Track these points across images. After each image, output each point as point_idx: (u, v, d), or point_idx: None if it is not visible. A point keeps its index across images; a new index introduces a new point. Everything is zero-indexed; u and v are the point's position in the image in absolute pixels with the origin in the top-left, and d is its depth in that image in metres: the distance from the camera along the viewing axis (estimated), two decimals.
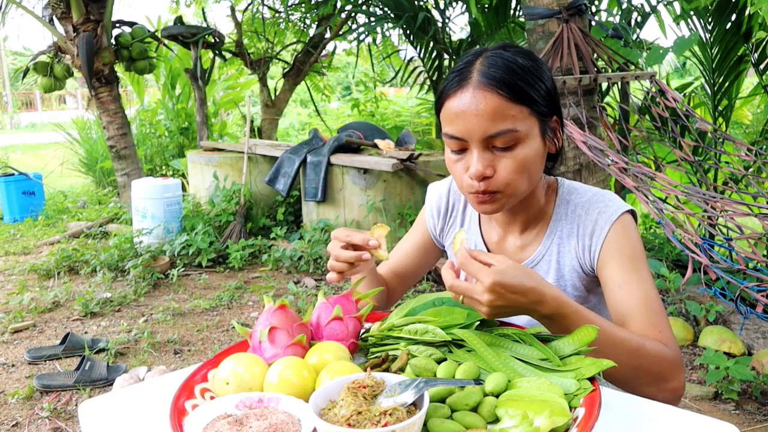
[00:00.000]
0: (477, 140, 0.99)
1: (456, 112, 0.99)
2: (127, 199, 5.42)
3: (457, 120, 0.99)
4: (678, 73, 10.15)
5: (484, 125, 0.97)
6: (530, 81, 0.99)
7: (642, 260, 1.06)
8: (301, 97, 12.26)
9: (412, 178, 4.36)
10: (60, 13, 5.30)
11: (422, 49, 5.26)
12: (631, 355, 0.95)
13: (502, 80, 0.97)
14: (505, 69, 0.98)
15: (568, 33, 2.94)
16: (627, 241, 1.06)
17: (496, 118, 0.97)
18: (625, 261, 1.05)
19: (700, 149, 3.62)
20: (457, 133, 1.00)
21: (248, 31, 6.90)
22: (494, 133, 0.98)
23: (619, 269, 1.05)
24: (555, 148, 1.08)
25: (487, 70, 0.98)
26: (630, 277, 1.04)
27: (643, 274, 1.04)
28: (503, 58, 1.00)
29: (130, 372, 2.72)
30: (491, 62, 0.99)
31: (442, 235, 1.31)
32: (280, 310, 0.97)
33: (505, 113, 0.97)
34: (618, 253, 1.06)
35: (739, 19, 3.77)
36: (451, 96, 1.01)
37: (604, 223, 1.07)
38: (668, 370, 0.97)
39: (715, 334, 2.82)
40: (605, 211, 1.08)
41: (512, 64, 0.99)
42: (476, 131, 0.98)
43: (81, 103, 20.42)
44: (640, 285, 1.03)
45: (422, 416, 0.72)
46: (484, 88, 0.97)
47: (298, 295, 3.68)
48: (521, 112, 0.98)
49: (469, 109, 0.98)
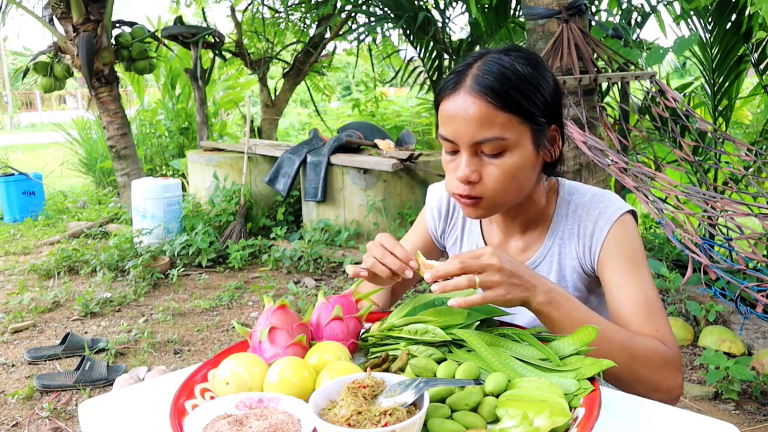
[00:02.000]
0: (465, 145, 1.00)
1: (448, 115, 1.01)
2: (127, 199, 5.42)
3: (449, 123, 1.01)
4: (678, 73, 10.15)
5: (472, 131, 0.98)
6: (525, 90, 0.99)
7: (642, 260, 1.06)
8: (301, 97, 12.25)
9: (412, 178, 4.36)
10: (60, 13, 5.29)
11: (422, 49, 5.26)
12: (623, 350, 0.95)
13: (492, 88, 0.97)
14: (498, 76, 0.98)
15: (568, 33, 2.94)
16: (627, 241, 1.06)
17: (483, 125, 0.98)
18: (624, 261, 1.05)
19: (700, 149, 3.62)
20: (448, 135, 1.02)
21: (248, 31, 6.90)
22: (481, 140, 0.99)
23: (619, 269, 1.05)
24: (552, 156, 1.07)
25: (481, 76, 0.98)
26: (629, 278, 1.04)
27: (642, 274, 1.04)
28: (500, 64, 0.99)
29: (130, 372, 2.72)
30: (486, 68, 0.99)
31: (443, 236, 1.31)
32: (280, 310, 0.97)
33: (492, 121, 0.98)
34: (618, 253, 1.06)
35: (739, 19, 3.77)
36: (446, 98, 1.02)
37: (604, 224, 1.07)
38: (664, 368, 0.97)
39: (715, 334, 2.82)
40: (605, 211, 1.08)
41: (508, 71, 0.98)
42: (464, 136, 0.99)
43: (81, 103, 20.42)
44: (640, 285, 1.03)
45: (422, 416, 0.72)
46: (474, 94, 0.98)
47: (298, 295, 3.68)
48: (510, 120, 0.98)
49: (458, 114, 0.99)
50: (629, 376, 0.96)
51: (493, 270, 0.90)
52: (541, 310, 0.94)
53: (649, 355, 0.96)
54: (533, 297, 0.93)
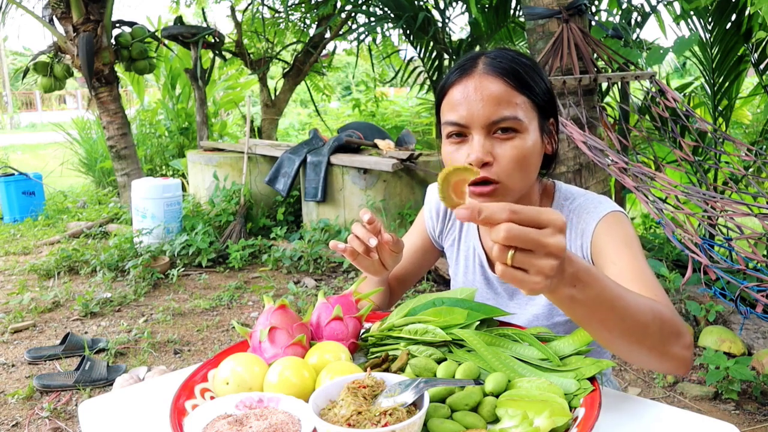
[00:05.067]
0: (480, 126, 1.00)
1: (459, 100, 1.01)
2: (127, 199, 5.42)
3: (460, 107, 1.01)
4: (678, 73, 10.14)
5: (489, 110, 0.99)
6: (532, 75, 1.03)
7: (635, 243, 1.04)
8: (301, 97, 12.25)
9: (412, 178, 4.36)
10: (60, 13, 5.30)
11: (422, 49, 5.26)
12: (652, 312, 0.83)
13: (509, 69, 1.01)
14: (511, 60, 1.03)
15: (568, 33, 2.94)
16: (618, 228, 1.05)
17: (501, 103, 0.99)
18: (618, 243, 1.04)
19: (700, 149, 3.62)
20: (459, 119, 1.01)
21: (248, 31, 6.90)
22: (498, 119, 0.99)
23: (613, 249, 1.03)
24: (551, 149, 1.10)
25: (493, 60, 1.03)
26: (622, 255, 1.02)
27: (636, 254, 1.02)
28: (507, 53, 1.05)
29: (130, 372, 2.72)
30: (496, 55, 1.04)
31: (441, 237, 1.31)
32: (280, 310, 0.97)
33: (510, 100, 1.00)
34: (609, 237, 1.05)
35: (739, 19, 3.77)
36: (455, 84, 1.03)
37: (592, 220, 1.07)
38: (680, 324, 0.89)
39: (715, 334, 2.82)
40: (594, 211, 1.08)
41: (516, 58, 1.04)
42: (480, 116, 1.00)
43: (81, 103, 20.42)
44: (633, 260, 1.01)
45: (422, 416, 0.72)
46: (490, 74, 1.01)
47: (298, 295, 3.68)
48: (524, 102, 1.01)
49: (474, 95, 1.00)
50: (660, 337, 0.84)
51: (543, 253, 0.65)
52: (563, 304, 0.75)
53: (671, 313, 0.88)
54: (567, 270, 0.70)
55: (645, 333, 0.81)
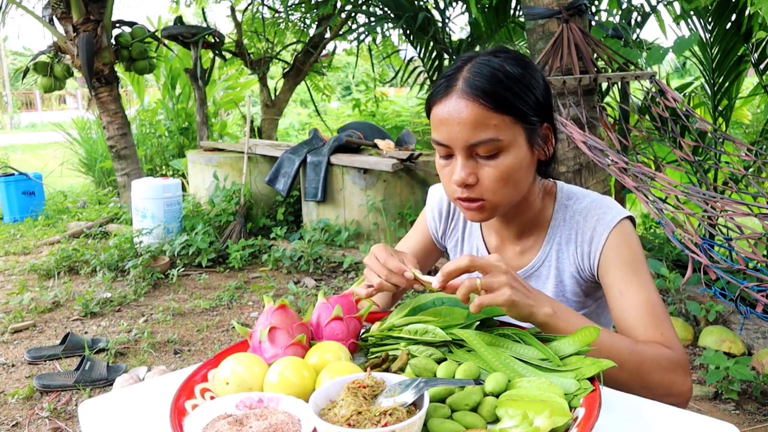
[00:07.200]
0: (460, 148, 1.00)
1: (440, 119, 1.01)
2: (127, 199, 5.42)
3: (442, 127, 1.01)
4: (678, 73, 10.15)
5: (466, 134, 0.98)
6: (516, 90, 0.99)
7: (642, 265, 1.06)
8: (301, 97, 12.25)
9: (412, 178, 4.36)
10: (60, 13, 5.29)
11: (422, 49, 5.26)
12: (631, 359, 0.94)
13: (484, 90, 0.97)
14: (490, 78, 0.98)
15: (568, 33, 2.94)
16: (626, 247, 1.06)
17: (477, 127, 0.98)
18: (625, 267, 1.05)
19: (700, 149, 3.62)
20: (441, 140, 1.02)
21: (248, 31, 6.90)
22: (475, 142, 0.99)
23: (620, 276, 1.05)
24: (546, 155, 1.08)
25: (472, 78, 0.99)
26: (631, 283, 1.04)
27: (644, 279, 1.04)
28: (490, 65, 1.00)
29: (130, 372, 2.72)
30: (477, 70, 0.99)
31: (444, 238, 1.31)
32: (280, 310, 0.97)
33: (486, 123, 0.98)
34: (618, 259, 1.06)
35: (739, 19, 3.76)
36: (437, 102, 1.02)
37: (603, 230, 1.07)
38: (673, 372, 0.97)
39: (715, 334, 2.82)
40: (603, 218, 1.08)
41: (498, 72, 0.99)
42: (459, 139, 0.99)
43: (81, 103, 20.42)
44: (642, 290, 1.03)
45: (422, 416, 0.72)
46: (466, 97, 0.98)
47: (298, 295, 3.68)
48: (503, 121, 0.99)
49: (451, 117, 0.99)
50: (639, 384, 0.95)
51: (499, 271, 0.89)
52: (547, 321, 0.92)
53: (657, 361, 0.96)
54: (539, 308, 0.91)
55: (621, 368, 0.92)
